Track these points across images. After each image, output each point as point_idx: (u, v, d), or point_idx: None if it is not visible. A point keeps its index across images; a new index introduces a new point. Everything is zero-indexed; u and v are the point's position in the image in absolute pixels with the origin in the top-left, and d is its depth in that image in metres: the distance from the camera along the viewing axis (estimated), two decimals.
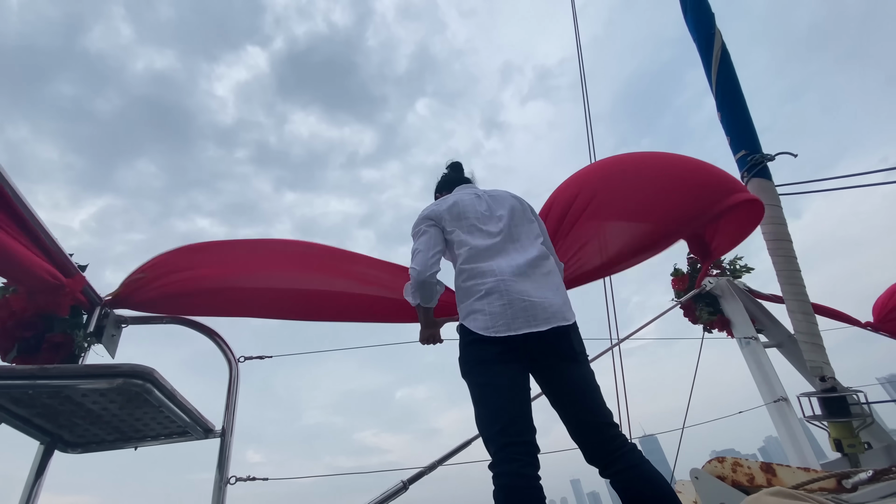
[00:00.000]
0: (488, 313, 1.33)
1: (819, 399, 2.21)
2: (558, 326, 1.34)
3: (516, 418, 1.22)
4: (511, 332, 1.30)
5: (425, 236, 1.54)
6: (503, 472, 1.15)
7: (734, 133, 2.57)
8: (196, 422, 1.32)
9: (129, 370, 1.05)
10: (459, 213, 1.57)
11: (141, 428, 1.28)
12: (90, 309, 1.43)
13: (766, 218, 2.43)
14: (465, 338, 1.38)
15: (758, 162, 2.47)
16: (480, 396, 1.29)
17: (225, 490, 1.37)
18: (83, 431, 1.25)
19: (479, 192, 1.72)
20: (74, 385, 1.04)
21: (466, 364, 1.35)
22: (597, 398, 1.32)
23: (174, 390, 1.16)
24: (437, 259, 1.52)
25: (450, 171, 1.92)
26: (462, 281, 1.46)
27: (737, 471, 2.03)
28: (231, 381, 1.53)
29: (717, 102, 2.63)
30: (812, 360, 2.25)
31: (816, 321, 2.33)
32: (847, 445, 2.12)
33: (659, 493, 1.14)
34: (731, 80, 2.64)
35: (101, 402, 1.12)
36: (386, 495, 1.56)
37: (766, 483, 1.91)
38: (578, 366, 1.36)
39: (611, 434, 1.26)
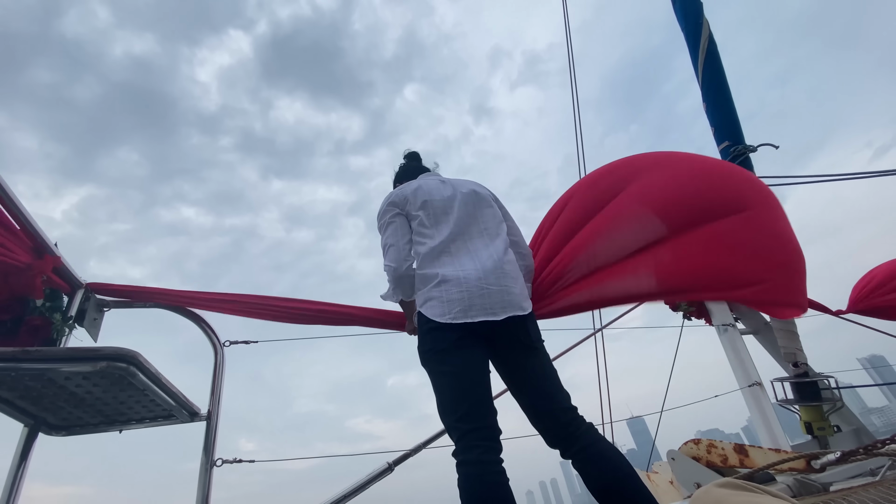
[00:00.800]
0: (445, 300, 1.34)
1: (791, 384, 2.29)
2: (514, 315, 1.36)
3: (475, 405, 1.24)
4: (467, 319, 1.31)
5: (392, 227, 1.52)
6: (465, 461, 1.17)
7: (718, 124, 2.60)
8: (181, 405, 1.33)
9: (113, 353, 1.05)
10: (423, 199, 1.54)
11: (125, 411, 1.28)
12: (71, 292, 1.42)
13: None
14: (422, 325, 1.39)
15: (740, 153, 2.51)
16: (439, 384, 1.31)
17: (211, 472, 1.38)
18: (67, 414, 1.25)
19: (443, 179, 1.69)
20: (57, 368, 1.04)
21: (425, 353, 1.36)
22: (553, 384, 1.35)
23: (159, 373, 1.16)
24: (409, 249, 1.51)
25: (408, 160, 1.87)
26: (421, 268, 1.46)
27: (711, 452, 2.10)
28: (217, 365, 1.53)
29: (703, 93, 2.66)
30: (786, 347, 2.32)
31: None
32: (817, 428, 2.21)
33: (615, 468, 1.17)
34: (717, 72, 2.66)
35: (84, 385, 1.12)
36: (371, 476, 1.59)
37: (738, 463, 1.99)
38: (535, 353, 1.38)
39: (568, 418, 1.29)
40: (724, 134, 2.59)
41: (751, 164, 2.54)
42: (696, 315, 2.89)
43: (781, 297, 1.81)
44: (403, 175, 1.81)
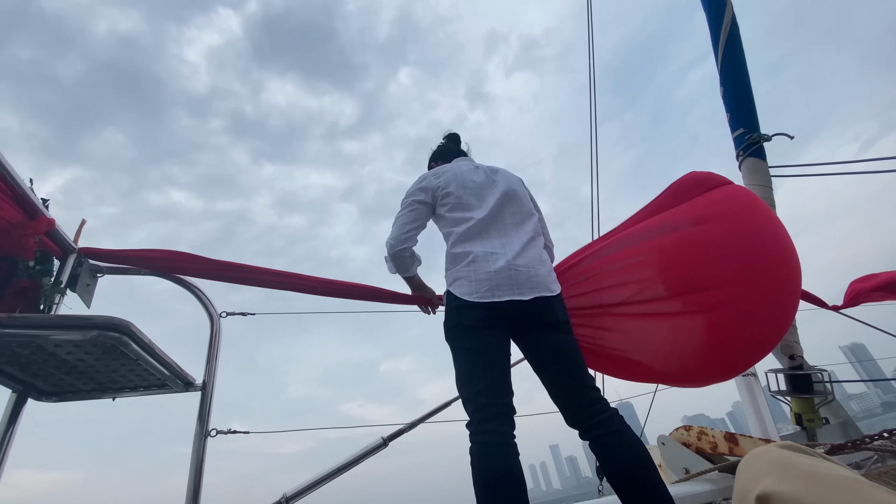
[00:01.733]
0: (474, 280, 1.36)
1: (786, 375, 2.31)
2: (541, 297, 1.37)
3: (494, 382, 1.26)
4: (495, 298, 1.33)
5: (408, 210, 1.58)
6: (479, 431, 1.19)
7: (735, 110, 2.53)
8: (176, 375, 1.31)
9: (105, 322, 1.02)
10: (456, 184, 1.57)
11: (118, 379, 1.26)
12: (63, 256, 1.37)
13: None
14: (450, 303, 1.41)
15: (755, 141, 2.45)
16: (461, 359, 1.32)
17: (205, 441, 1.37)
18: (58, 381, 1.23)
19: (476, 164, 1.73)
20: (46, 335, 1.01)
21: (450, 328, 1.38)
22: (578, 363, 1.36)
23: (152, 343, 1.13)
24: (412, 235, 1.56)
25: (447, 141, 1.92)
26: (451, 248, 1.48)
27: (702, 439, 2.13)
28: (212, 336, 1.51)
29: (721, 77, 2.57)
30: (784, 339, 2.33)
31: None
32: (806, 420, 2.24)
33: (638, 459, 1.18)
34: (737, 56, 2.57)
35: (75, 352, 1.09)
36: (367, 450, 1.59)
37: (728, 451, 2.02)
38: (561, 334, 1.39)
39: (592, 397, 1.30)
40: (739, 121, 2.51)
41: (764, 155, 2.48)
42: None
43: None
44: (440, 155, 1.87)
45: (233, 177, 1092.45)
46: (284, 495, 1.43)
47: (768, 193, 2.43)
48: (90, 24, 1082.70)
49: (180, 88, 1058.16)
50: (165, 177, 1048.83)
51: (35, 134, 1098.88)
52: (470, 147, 1.93)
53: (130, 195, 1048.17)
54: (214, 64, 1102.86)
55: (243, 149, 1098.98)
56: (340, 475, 1.53)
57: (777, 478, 0.56)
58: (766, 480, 0.57)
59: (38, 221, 1.21)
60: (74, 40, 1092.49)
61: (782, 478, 0.56)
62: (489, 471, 1.12)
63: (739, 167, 2.53)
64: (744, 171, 2.50)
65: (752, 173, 2.46)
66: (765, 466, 0.60)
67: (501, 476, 1.10)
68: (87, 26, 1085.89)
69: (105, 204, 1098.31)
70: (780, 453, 0.62)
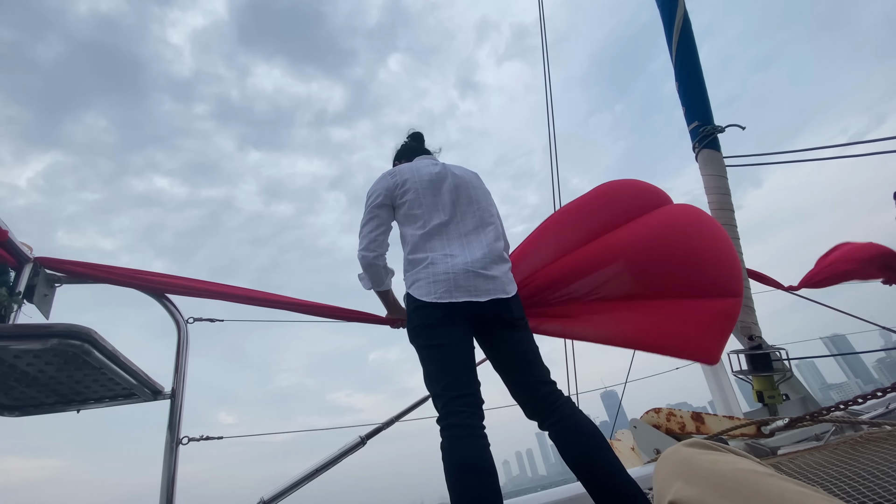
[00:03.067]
0: (432, 282, 1.39)
1: (746, 356, 2.42)
2: (498, 298, 1.41)
3: (460, 375, 1.29)
4: (452, 299, 1.36)
5: (374, 218, 1.56)
6: (449, 425, 1.21)
7: (689, 104, 2.64)
8: (143, 384, 1.29)
9: (65, 330, 1.00)
10: (412, 183, 1.57)
11: (82, 390, 1.23)
12: (18, 266, 1.33)
13: (712, 188, 2.56)
14: (410, 304, 1.43)
15: (708, 133, 2.56)
16: (426, 357, 1.36)
17: (177, 450, 1.35)
18: (19, 394, 1.19)
19: (438, 163, 1.72)
20: (5, 346, 0.98)
21: (412, 329, 1.41)
22: (534, 359, 1.41)
23: (116, 351, 1.11)
24: (381, 241, 1.56)
25: (410, 140, 1.90)
26: (409, 252, 1.49)
27: (671, 420, 2.22)
28: (180, 343, 1.49)
29: (676, 72, 2.69)
30: (743, 321, 2.44)
31: (749, 286, 2.52)
32: (767, 397, 2.35)
33: (589, 439, 1.23)
34: (690, 52, 2.69)
35: (35, 363, 1.07)
36: (344, 450, 1.60)
37: (695, 430, 2.11)
38: (518, 331, 1.44)
39: (546, 391, 1.35)
40: (693, 114, 2.63)
41: (718, 146, 2.60)
42: None
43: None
44: (402, 154, 1.85)
45: (218, 163, 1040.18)
46: (262, 499, 1.42)
47: (723, 183, 2.55)
48: (70, 4, 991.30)
49: (163, 72, 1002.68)
50: (149, 163, 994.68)
51: (15, 118, 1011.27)
52: (440, 149, 1.92)
53: (113, 181, 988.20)
54: (199, 47, 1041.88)
55: (229, 135, 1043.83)
56: (318, 476, 1.54)
57: (685, 480, 0.61)
58: (676, 484, 0.61)
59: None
60: (54, 21, 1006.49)
61: (688, 480, 0.60)
62: (460, 464, 1.14)
63: (696, 158, 2.64)
64: (700, 161, 2.61)
65: (707, 164, 2.57)
66: (674, 469, 0.64)
67: (472, 469, 1.13)
68: (67, 6, 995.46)
69: (87, 190, 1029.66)
70: (686, 453, 0.67)
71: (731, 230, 2.52)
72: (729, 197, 2.54)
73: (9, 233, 1.25)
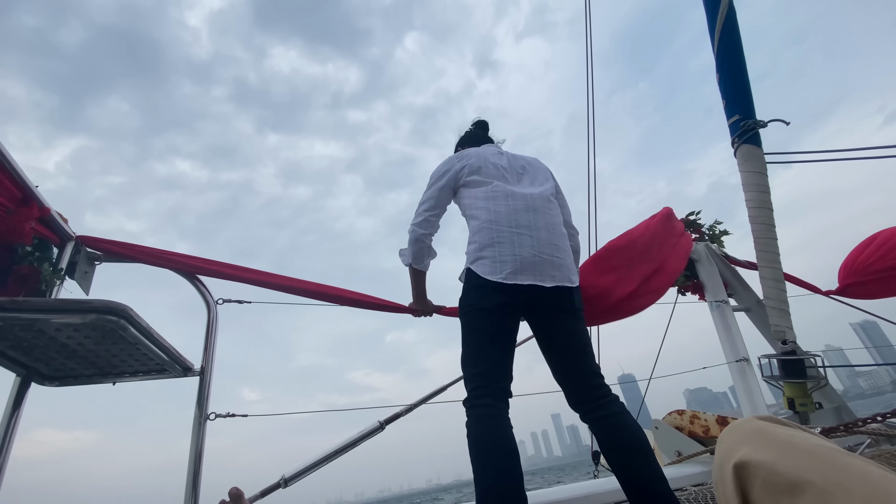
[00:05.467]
0: (498, 261, 1.38)
1: (778, 361, 2.33)
2: (562, 286, 1.40)
3: (497, 366, 1.30)
4: (517, 281, 1.35)
5: (434, 195, 1.60)
6: (476, 405, 1.24)
7: (730, 97, 2.52)
8: (174, 360, 1.33)
9: (103, 306, 1.04)
10: (480, 168, 1.59)
11: (118, 364, 1.29)
12: (60, 244, 1.39)
13: (751, 185, 2.44)
14: (469, 282, 1.43)
15: (750, 128, 2.45)
16: (470, 340, 1.36)
17: (205, 425, 1.40)
18: (59, 365, 1.25)
19: (502, 150, 1.75)
20: (47, 319, 1.03)
21: (466, 307, 1.41)
22: (587, 350, 1.40)
23: (150, 328, 1.16)
24: (434, 220, 1.59)
25: (475, 128, 1.94)
26: (476, 230, 1.49)
27: (694, 423, 2.16)
28: (210, 323, 1.53)
29: (717, 63, 2.56)
30: (777, 325, 2.35)
31: (786, 288, 2.42)
32: (799, 404, 2.26)
33: (636, 442, 1.22)
34: (733, 42, 2.55)
35: (75, 336, 1.12)
36: (362, 434, 1.62)
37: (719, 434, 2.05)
38: (575, 320, 1.42)
39: (596, 383, 1.34)
40: (734, 108, 2.51)
41: (759, 141, 2.48)
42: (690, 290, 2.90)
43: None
44: (467, 141, 1.88)
45: (237, 146, 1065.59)
46: (283, 477, 1.47)
47: (762, 180, 2.43)
48: None
49: (182, 55, 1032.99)
50: (170, 146, 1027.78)
51: (41, 103, 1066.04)
52: (505, 139, 1.93)
53: (136, 165, 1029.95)
54: (216, 29, 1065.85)
55: (247, 118, 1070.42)
56: (337, 458, 1.57)
57: (754, 447, 0.57)
58: (743, 449, 0.58)
59: (30, 207, 1.22)
60: (75, 6, 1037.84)
61: (759, 446, 0.57)
62: (484, 440, 1.16)
63: (735, 154, 2.53)
64: (739, 158, 2.50)
65: (746, 160, 2.46)
66: (743, 436, 0.61)
67: (496, 447, 1.15)
68: None
69: (112, 174, 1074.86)
70: (757, 424, 0.63)
71: (768, 230, 2.41)
72: (768, 195, 2.42)
73: (51, 210, 1.31)
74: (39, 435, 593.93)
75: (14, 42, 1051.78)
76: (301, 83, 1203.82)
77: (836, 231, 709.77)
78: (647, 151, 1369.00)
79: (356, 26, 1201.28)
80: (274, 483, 1.45)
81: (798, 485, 0.49)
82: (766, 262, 2.42)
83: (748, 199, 2.46)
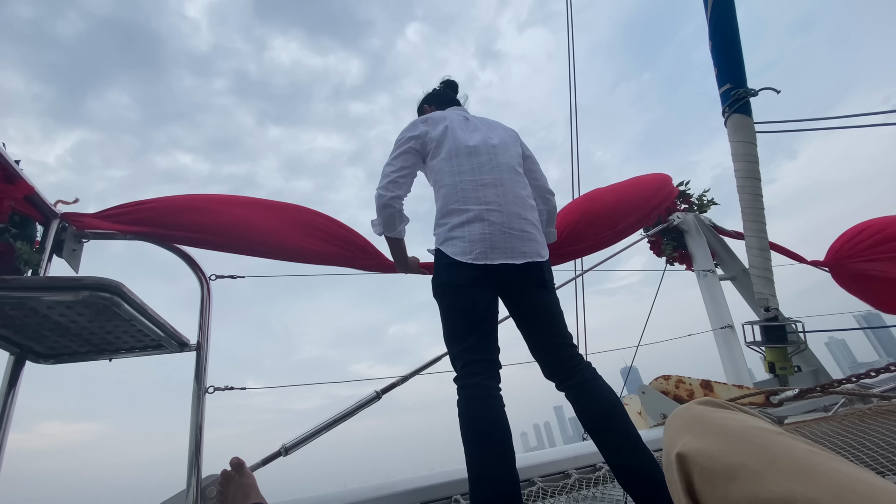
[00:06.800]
0: (467, 240, 1.36)
1: (761, 327, 2.41)
2: (532, 261, 1.39)
3: (482, 339, 1.30)
4: (488, 261, 1.34)
5: (399, 159, 1.52)
6: (466, 384, 1.24)
7: (722, 65, 2.50)
8: (170, 336, 1.34)
9: (95, 283, 1.03)
10: (450, 135, 1.52)
11: (113, 341, 1.29)
12: (45, 222, 1.36)
13: (740, 155, 2.46)
14: (440, 261, 1.41)
15: (741, 97, 2.44)
16: (450, 317, 1.35)
17: (204, 399, 1.43)
18: (53, 343, 1.25)
19: (469, 115, 1.67)
20: (38, 297, 1.02)
21: (439, 286, 1.39)
22: (559, 321, 1.41)
23: (144, 304, 1.15)
24: (402, 183, 1.50)
25: (443, 87, 1.85)
26: (442, 207, 1.46)
27: (679, 387, 2.25)
28: (203, 299, 1.53)
29: (710, 30, 2.52)
30: (761, 293, 2.42)
31: (771, 257, 2.47)
32: (779, 368, 2.36)
33: (609, 405, 1.25)
34: (727, 8, 2.51)
35: (68, 314, 1.11)
36: (360, 403, 1.66)
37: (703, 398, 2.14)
38: (546, 292, 1.42)
39: (569, 353, 1.36)
40: (726, 76, 2.49)
41: (750, 111, 2.48)
42: (678, 260, 2.96)
43: None
44: (434, 99, 1.80)
45: (238, 139, 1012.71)
46: (284, 445, 1.51)
47: (751, 150, 2.45)
48: None
49: (182, 47, 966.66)
50: (171, 139, 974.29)
51: (40, 95, 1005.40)
52: (468, 98, 1.86)
53: (138, 157, 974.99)
54: (216, 20, 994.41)
55: (248, 110, 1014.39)
56: (336, 427, 1.61)
57: (693, 434, 0.60)
58: (683, 437, 0.61)
59: (14, 186, 1.19)
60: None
61: (697, 434, 0.60)
62: (476, 421, 1.16)
63: (725, 124, 2.53)
64: (729, 127, 2.50)
65: (736, 129, 2.46)
66: (684, 424, 0.64)
67: (487, 426, 1.15)
68: None
69: (113, 167, 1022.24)
70: (697, 410, 0.66)
71: (755, 199, 2.45)
72: (756, 165, 2.44)
73: (35, 188, 1.27)
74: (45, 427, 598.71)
75: (11, 33, 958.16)
76: (302, 75, 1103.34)
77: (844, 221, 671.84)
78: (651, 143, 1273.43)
79: (357, 16, 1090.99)
80: (275, 451, 1.50)
81: (733, 469, 0.52)
82: (752, 231, 2.46)
83: (737, 170, 2.48)
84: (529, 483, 1.50)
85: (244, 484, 1.27)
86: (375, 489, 1.40)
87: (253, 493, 1.24)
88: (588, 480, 1.54)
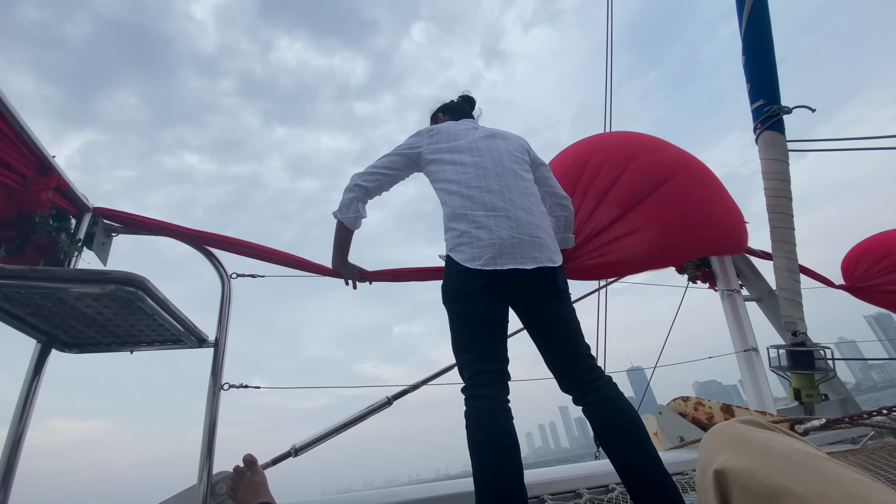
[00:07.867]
0: (477, 246, 1.34)
1: (787, 352, 2.32)
2: (544, 267, 1.36)
3: (491, 348, 1.27)
4: (497, 266, 1.32)
5: (389, 158, 1.58)
6: (474, 395, 1.21)
7: (755, 81, 2.43)
8: (190, 331, 1.36)
9: (121, 277, 1.06)
10: (455, 144, 1.54)
11: (136, 333, 1.32)
12: (78, 215, 1.41)
13: (771, 173, 2.39)
14: (450, 267, 1.40)
15: (774, 114, 2.37)
16: (459, 324, 1.33)
17: (219, 395, 1.45)
18: (79, 333, 1.29)
19: (478, 126, 1.69)
20: (67, 288, 1.05)
21: (449, 293, 1.38)
22: (576, 331, 1.37)
23: (167, 299, 1.18)
24: (379, 180, 1.56)
25: (461, 100, 1.89)
26: (450, 214, 1.45)
27: (698, 409, 2.18)
28: (223, 297, 1.55)
29: (744, 45, 2.47)
30: (788, 316, 2.33)
31: (800, 279, 2.39)
32: (805, 395, 2.26)
33: (630, 425, 1.21)
34: (762, 23, 2.45)
35: (94, 306, 1.14)
36: (371, 408, 1.66)
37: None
38: (561, 301, 1.39)
39: (587, 365, 1.32)
40: (759, 92, 2.43)
41: (783, 128, 2.41)
42: (701, 279, 2.88)
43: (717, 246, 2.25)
44: (451, 110, 1.84)
45: (244, 140, 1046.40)
46: (293, 446, 1.51)
47: (783, 168, 2.37)
48: None
49: (189, 48, 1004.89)
50: (178, 140, 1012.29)
51: (49, 97, 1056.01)
52: (482, 113, 1.89)
53: (145, 158, 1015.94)
54: (222, 21, 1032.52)
55: (254, 111, 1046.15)
56: (346, 430, 1.61)
57: (733, 453, 0.58)
58: (723, 455, 0.58)
59: (49, 178, 1.24)
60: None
61: (738, 452, 0.57)
62: (484, 434, 1.14)
63: (756, 140, 2.47)
64: (761, 144, 2.44)
65: (768, 147, 2.40)
66: (724, 441, 0.62)
67: (495, 439, 1.13)
68: None
69: (122, 167, 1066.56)
70: (739, 428, 0.63)
71: (786, 219, 2.36)
72: (788, 184, 2.36)
73: (69, 183, 1.32)
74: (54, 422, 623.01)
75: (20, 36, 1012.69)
76: (308, 75, 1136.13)
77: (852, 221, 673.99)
78: None
79: (362, 16, 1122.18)
80: (285, 452, 1.50)
81: (776, 491, 0.50)
82: (781, 252, 2.38)
83: (767, 188, 2.41)
84: (538, 500, 1.47)
85: (255, 482, 1.28)
86: (382, 496, 1.39)
87: (263, 491, 1.24)
88: (600, 501, 1.50)
